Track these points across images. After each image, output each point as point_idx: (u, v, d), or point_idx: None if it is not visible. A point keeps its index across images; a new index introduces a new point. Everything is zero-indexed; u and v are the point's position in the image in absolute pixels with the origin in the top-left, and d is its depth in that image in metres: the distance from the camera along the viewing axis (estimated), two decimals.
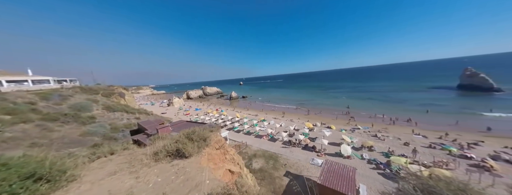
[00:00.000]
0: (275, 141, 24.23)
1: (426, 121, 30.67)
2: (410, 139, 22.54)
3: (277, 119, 38.25)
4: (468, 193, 3.10)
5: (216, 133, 8.07)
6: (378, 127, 29.26)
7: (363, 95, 64.64)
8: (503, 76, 61.55)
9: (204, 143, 5.73)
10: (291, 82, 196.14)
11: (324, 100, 62.45)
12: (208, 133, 6.69)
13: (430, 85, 69.98)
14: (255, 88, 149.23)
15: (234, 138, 25.73)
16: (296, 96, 76.53)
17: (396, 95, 57.94)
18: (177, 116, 47.80)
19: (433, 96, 49.93)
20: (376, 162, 16.75)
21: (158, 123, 16.23)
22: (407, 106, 42.73)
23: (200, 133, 5.87)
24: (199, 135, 5.75)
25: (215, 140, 7.47)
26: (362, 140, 22.80)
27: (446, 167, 15.19)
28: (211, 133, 7.46)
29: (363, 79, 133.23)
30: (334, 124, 31.71)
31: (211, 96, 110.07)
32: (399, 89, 69.76)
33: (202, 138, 5.77)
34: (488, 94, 46.21)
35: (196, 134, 5.72)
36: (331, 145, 21.52)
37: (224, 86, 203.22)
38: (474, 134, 23.44)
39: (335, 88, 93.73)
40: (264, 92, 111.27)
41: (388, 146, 20.77)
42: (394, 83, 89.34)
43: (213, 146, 6.95)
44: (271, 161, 17.46)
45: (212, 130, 8.23)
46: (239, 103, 75.56)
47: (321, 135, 24.87)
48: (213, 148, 6.83)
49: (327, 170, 12.80)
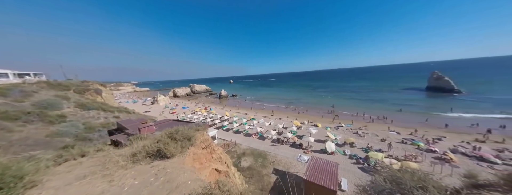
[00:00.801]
0: (264, 139, 24.52)
1: (400, 119, 33.86)
2: (386, 135, 24.66)
3: (267, 118, 38.69)
4: (427, 183, 3.47)
5: (203, 132, 7.85)
6: (359, 124, 31.40)
7: (347, 95, 68.75)
8: (464, 80, 70.40)
9: (188, 142, 5.52)
10: (283, 81, 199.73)
11: (311, 99, 64.89)
12: (194, 132, 6.47)
13: (404, 86, 77.50)
14: (245, 87, 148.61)
15: (223, 137, 25.41)
16: (285, 95, 78.12)
17: (375, 95, 62.80)
18: (162, 114, 45.47)
19: (405, 97, 55.26)
20: (356, 157, 18.01)
21: (141, 122, 15.26)
22: (384, 105, 46.59)
23: (185, 132, 5.64)
24: (183, 134, 5.52)
25: (202, 139, 7.27)
26: (345, 137, 24.28)
27: (414, 160, 16.98)
28: (197, 132, 7.23)
29: (348, 80, 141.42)
30: (320, 122, 33.19)
31: (199, 95, 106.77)
32: (378, 89, 75.73)
33: (187, 137, 5.56)
34: (450, 95, 52.58)
35: (180, 133, 5.48)
36: (317, 142, 22.51)
37: (213, 84, 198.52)
38: (438, 130, 26.54)
39: (323, 88, 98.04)
40: (255, 91, 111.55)
41: (367, 142, 22.46)
42: (374, 84, 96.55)
43: (199, 146, 6.75)
44: (260, 159, 17.66)
45: (199, 129, 7.99)
46: (229, 101, 74.64)
47: (308, 133, 25.85)
48: (199, 148, 6.63)
49: (313, 166, 13.38)
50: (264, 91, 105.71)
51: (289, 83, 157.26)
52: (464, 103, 42.71)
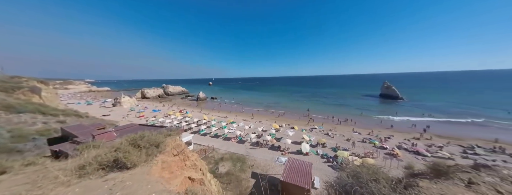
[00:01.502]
0: (243, 143, 24.19)
1: (361, 121, 39.22)
2: (350, 136, 28.00)
3: (247, 121, 38.55)
4: (379, 175, 4.07)
5: (175, 137, 7.18)
6: (329, 126, 34.74)
7: (320, 99, 75.70)
8: (406, 90, 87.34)
9: (156, 149, 4.94)
10: (265, 85, 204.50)
11: (289, 103, 68.45)
12: (163, 137, 5.85)
13: (364, 93, 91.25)
14: (225, 90, 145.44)
15: (200, 142, 23.85)
16: (266, 99, 79.98)
17: (343, 100, 71.34)
18: (127, 118, 39.64)
19: (365, 102, 64.82)
20: (327, 157, 19.70)
21: (96, 128, 12.89)
22: (349, 109, 53.27)
23: (152, 138, 5.03)
24: (150, 140, 4.91)
25: (173, 146, 6.64)
26: (318, 138, 26.35)
27: (371, 156, 19.77)
28: (168, 137, 6.57)
29: (322, 86, 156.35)
30: (297, 124, 35.17)
31: (174, 96, 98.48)
32: (345, 95, 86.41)
33: (154, 144, 4.96)
34: (396, 101, 64.36)
35: (146, 139, 4.85)
36: (293, 143, 23.63)
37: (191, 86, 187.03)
38: (387, 131, 31.82)
39: (300, 93, 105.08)
40: (235, 94, 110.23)
41: (336, 142, 24.97)
42: (342, 91, 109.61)
43: (169, 153, 6.12)
44: (239, 163, 17.25)
45: (171, 134, 7.29)
46: (208, 104, 71.31)
47: (285, 135, 26.91)
48: (169, 155, 6.01)
49: (289, 167, 13.89)
50: (244, 94, 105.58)
51: (270, 87, 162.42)
52: (405, 108, 52.95)
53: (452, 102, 57.11)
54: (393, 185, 3.87)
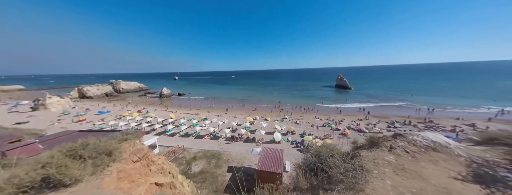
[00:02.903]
0: (218, 139, 23.64)
1: (322, 108, 45.64)
2: (314, 122, 32.28)
3: (221, 116, 37.49)
4: (334, 151, 4.94)
5: (134, 142, 6.19)
6: (297, 115, 38.71)
7: (289, 91, 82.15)
8: (356, 81, 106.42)
9: (108, 158, 4.11)
10: (240, 79, 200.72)
11: (262, 96, 70.92)
12: (117, 143, 4.94)
13: (324, 84, 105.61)
14: (194, 85, 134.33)
15: (168, 143, 21.57)
16: (239, 93, 79.41)
17: (308, 91, 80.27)
18: (58, 124, 30.65)
19: (324, 92, 75.33)
20: (295, 142, 22.14)
21: (7, 141, 9.49)
22: (312, 99, 60.69)
23: (100, 145, 4.13)
24: (98, 148, 4.03)
25: (132, 151, 5.73)
26: (288, 126, 28.95)
27: (330, 137, 23.71)
28: (124, 142, 5.59)
29: (292, 79, 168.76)
30: (270, 116, 37.23)
31: (128, 94, 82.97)
32: (310, 87, 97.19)
33: (104, 152, 4.11)
34: (346, 91, 78.08)
35: (91, 147, 3.94)
36: (267, 134, 25.06)
37: (151, 81, 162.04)
38: (341, 115, 38.60)
39: (272, 86, 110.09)
40: (206, 89, 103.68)
41: (303, 129, 28.27)
42: (307, 83, 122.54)
43: (128, 159, 5.27)
44: (214, 160, 16.89)
45: (127, 138, 6.22)
46: (174, 101, 64.22)
47: (259, 127, 28.08)
48: (128, 162, 5.17)
49: (264, 156, 14.80)
50: (217, 89, 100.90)
51: (244, 81, 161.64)
52: (353, 95, 65.22)
53: (386, 90, 74.56)
54: (343, 158, 4.83)
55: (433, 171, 4.23)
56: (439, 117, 34.15)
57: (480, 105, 43.12)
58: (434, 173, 4.16)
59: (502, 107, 39.25)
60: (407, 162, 4.58)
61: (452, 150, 4.92)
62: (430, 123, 30.15)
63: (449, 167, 4.37)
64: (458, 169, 4.24)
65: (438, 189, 3.64)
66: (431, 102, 48.32)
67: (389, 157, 4.79)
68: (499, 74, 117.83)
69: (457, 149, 4.96)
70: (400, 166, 4.44)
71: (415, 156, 4.80)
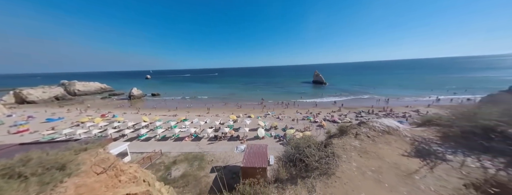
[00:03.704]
0: (200, 140, 22.67)
1: (301, 103, 48.58)
2: (294, 116, 34.18)
3: (202, 116, 35.89)
4: (310, 142, 5.35)
5: (96, 151, 5.40)
6: (279, 110, 40.24)
7: (271, 88, 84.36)
8: (330, 77, 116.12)
9: (60, 173, 3.48)
10: (223, 76, 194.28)
11: (245, 93, 70.75)
12: (72, 154, 4.24)
13: (302, 80, 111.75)
14: (170, 84, 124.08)
15: (142, 149, 19.56)
16: (221, 92, 77.17)
17: (288, 87, 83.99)
18: None
19: (303, 88, 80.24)
20: (279, 137, 23.11)
21: None
22: (293, 94, 63.87)
23: (48, 159, 3.46)
24: (44, 162, 3.36)
25: (95, 162, 5.01)
26: (271, 122, 29.87)
27: (309, 129, 25.58)
28: (82, 153, 4.84)
29: (273, 75, 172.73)
30: (253, 113, 37.58)
31: (87, 97, 71.14)
32: (290, 83, 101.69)
33: (55, 166, 3.46)
34: (322, 86, 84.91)
35: (34, 163, 3.26)
36: (251, 131, 25.33)
37: (116, 81, 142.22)
38: (318, 108, 41.95)
39: (253, 83, 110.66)
40: (185, 88, 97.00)
41: (285, 123, 29.63)
42: (288, 79, 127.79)
43: (89, 172, 4.58)
44: (196, 162, 16.21)
45: (87, 147, 5.38)
46: (147, 102, 58.16)
47: (243, 124, 28.11)
48: (89, 175, 4.49)
49: (248, 153, 14.96)
50: (197, 88, 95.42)
51: (226, 79, 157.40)
52: (328, 90, 71.40)
53: (355, 84, 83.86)
54: (318, 147, 5.29)
55: (387, 150, 5.06)
56: (394, 106, 40.72)
57: (424, 94, 53.17)
58: (388, 152, 4.98)
59: (437, 95, 49.43)
60: (368, 145, 5.34)
61: (401, 132, 5.96)
62: (390, 111, 35.65)
63: (399, 146, 5.29)
64: (405, 147, 5.18)
65: (391, 165, 4.39)
66: (389, 93, 57.00)
67: (354, 143, 5.49)
68: (439, 69, 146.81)
69: (404, 131, 6.04)
70: (363, 149, 5.15)
71: (374, 139, 5.64)
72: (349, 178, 3.97)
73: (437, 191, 3.59)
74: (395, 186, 3.73)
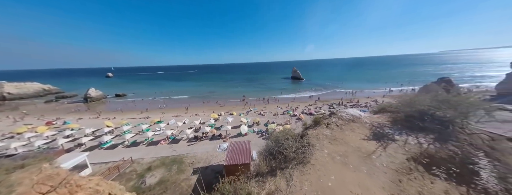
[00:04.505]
0: (178, 142, 21.19)
1: (282, 98, 50.65)
2: (276, 111, 35.48)
3: (180, 117, 33.45)
4: (288, 134, 5.65)
5: (38, 167, 4.44)
6: (261, 106, 41.03)
7: (252, 84, 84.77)
8: (306, 73, 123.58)
9: None
10: (203, 73, 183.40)
11: (226, 91, 69.01)
12: (2, 174, 3.39)
13: (282, 76, 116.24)
14: (140, 82, 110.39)
15: (106, 159, 17.05)
16: (201, 90, 73.07)
17: (269, 83, 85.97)
18: None
19: (282, 83, 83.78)
20: (261, 132, 23.66)
21: None
22: (273, 90, 65.89)
23: None
24: None
25: (38, 179, 4.15)
26: (253, 118, 30.23)
27: (289, 123, 27.04)
28: (17, 171, 3.93)
29: (254, 72, 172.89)
30: (235, 110, 37.17)
31: (23, 101, 57.01)
32: (270, 79, 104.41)
33: None
34: (300, 81, 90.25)
35: None
36: (234, 128, 25.09)
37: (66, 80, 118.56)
38: (296, 103, 44.57)
39: (235, 80, 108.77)
40: (158, 86, 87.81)
41: (267, 118, 30.45)
42: (268, 75, 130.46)
43: (31, 192, 3.77)
44: (175, 166, 15.17)
45: (24, 164, 4.39)
46: (110, 105, 50.49)
47: (225, 122, 27.57)
48: None
49: (231, 151, 14.86)
50: (173, 86, 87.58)
51: (206, 76, 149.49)
52: (305, 85, 76.33)
53: (327, 79, 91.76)
54: (296, 138, 5.65)
55: (352, 136, 5.80)
56: (359, 97, 46.79)
57: (380, 86, 62.64)
58: (352, 138, 5.71)
59: (389, 87, 59.04)
60: (337, 133, 6.00)
61: (362, 119, 6.90)
62: (357, 102, 40.68)
63: (361, 132, 6.13)
64: (365, 132, 6.03)
65: (354, 149, 5.06)
66: (355, 86, 64.93)
67: (326, 132, 6.09)
68: (390, 65, 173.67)
69: (365, 118, 7.01)
70: (333, 137, 5.77)
71: (342, 127, 6.38)
72: (321, 164, 4.40)
73: (388, 166, 4.34)
74: (358, 166, 4.33)
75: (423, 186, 3.86)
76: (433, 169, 4.17)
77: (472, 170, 3.95)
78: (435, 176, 4.08)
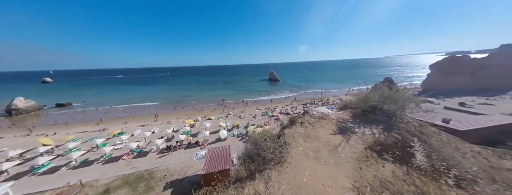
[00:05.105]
0: (146, 155, 18.55)
1: (260, 99, 51.64)
2: (255, 113, 35.82)
3: (148, 126, 29.51)
4: (266, 135, 5.73)
5: None
6: (240, 109, 40.67)
7: (230, 86, 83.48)
8: (282, 75, 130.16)
9: None
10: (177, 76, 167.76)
11: (202, 94, 65.38)
12: None
13: (259, 78, 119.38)
14: (92, 88, 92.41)
15: (41, 187, 13.28)
16: (174, 94, 66.78)
17: (248, 86, 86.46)
18: None
19: (260, 85, 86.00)
20: (241, 135, 23.34)
21: None
22: (252, 92, 66.71)
23: None
24: None
25: None
26: (233, 121, 29.59)
27: (268, 124, 27.70)
28: None
29: (230, 74, 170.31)
30: (213, 114, 35.53)
31: None
32: (248, 81, 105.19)
33: None
34: (277, 83, 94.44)
35: None
36: (212, 134, 23.85)
37: None
38: (274, 103, 46.22)
39: (211, 83, 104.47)
40: (118, 93, 75.39)
41: (247, 121, 30.34)
42: (246, 77, 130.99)
43: None
44: (142, 183, 13.14)
45: None
46: (48, 118, 40.33)
47: (203, 128, 25.93)
48: None
49: (210, 158, 13.98)
50: (139, 92, 76.69)
51: (180, 79, 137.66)
52: (281, 86, 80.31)
53: (301, 80, 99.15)
54: (273, 139, 5.78)
55: (322, 132, 6.37)
56: (328, 96, 52.43)
57: (344, 86, 72.20)
58: (322, 134, 6.27)
59: (350, 86, 68.82)
60: (310, 131, 6.47)
61: (330, 116, 7.70)
62: (327, 101, 45.29)
63: (329, 127, 6.80)
64: (333, 128, 6.73)
65: (324, 144, 5.55)
66: (325, 86, 72.64)
67: (301, 130, 6.48)
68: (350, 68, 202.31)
69: (332, 115, 7.85)
70: (307, 134, 6.19)
71: (314, 125, 6.93)
72: (297, 162, 4.62)
73: (351, 156, 4.93)
74: (327, 159, 4.75)
75: (377, 170, 4.56)
76: (384, 155, 5.00)
77: (409, 152, 4.93)
78: (385, 160, 4.89)
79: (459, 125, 15.06)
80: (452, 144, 6.29)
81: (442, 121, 15.84)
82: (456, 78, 49.76)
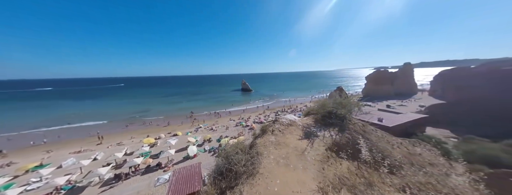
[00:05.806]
0: (82, 191, 14.06)
1: (233, 110, 50.68)
2: (228, 124, 34.54)
3: (87, 151, 22.96)
4: (238, 147, 5.60)
5: None
6: (212, 121, 38.34)
7: (201, 98, 78.44)
8: (255, 85, 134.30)
9: None
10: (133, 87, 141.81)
11: (166, 107, 57.99)
12: None
13: (232, 88, 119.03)
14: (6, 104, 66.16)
15: None
16: (130, 109, 55.78)
17: (219, 97, 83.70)
18: None
19: (233, 95, 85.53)
20: (214, 149, 21.63)
21: None
22: (224, 102, 64.83)
23: None
24: None
25: None
26: (204, 135, 27.28)
27: (242, 134, 27.13)
28: None
29: (199, 85, 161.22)
30: (180, 129, 31.76)
31: None
32: (220, 91, 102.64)
33: None
34: (249, 93, 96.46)
35: None
36: (178, 152, 20.99)
37: None
38: (248, 113, 46.36)
39: (177, 95, 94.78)
40: (40, 111, 56.33)
41: (220, 133, 28.66)
42: (217, 87, 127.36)
43: None
44: None
45: None
46: None
47: (167, 147, 22.50)
48: None
49: (175, 181, 12.03)
50: (72, 109, 59.73)
51: (137, 90, 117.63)
52: (254, 96, 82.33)
53: (272, 90, 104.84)
54: (245, 150, 5.69)
55: (291, 139, 6.82)
56: (296, 103, 57.44)
57: (308, 94, 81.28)
58: (291, 140, 6.71)
59: (313, 94, 78.43)
60: (280, 138, 6.81)
61: (297, 122, 8.41)
62: (296, 108, 49.14)
63: (297, 133, 7.38)
64: (300, 133, 7.33)
65: (293, 149, 5.92)
66: (292, 95, 79.51)
67: (272, 138, 6.72)
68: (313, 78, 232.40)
69: (298, 121, 8.61)
70: (277, 142, 6.46)
71: (283, 132, 7.36)
72: (268, 171, 4.67)
73: (315, 159, 5.45)
74: (296, 164, 5.05)
75: (336, 168, 5.20)
76: (340, 153, 5.80)
77: (358, 149, 5.95)
78: (341, 159, 5.68)
79: (388, 122, 19.56)
80: (385, 138, 8.03)
81: (378, 120, 20.14)
82: (383, 86, 66.07)
